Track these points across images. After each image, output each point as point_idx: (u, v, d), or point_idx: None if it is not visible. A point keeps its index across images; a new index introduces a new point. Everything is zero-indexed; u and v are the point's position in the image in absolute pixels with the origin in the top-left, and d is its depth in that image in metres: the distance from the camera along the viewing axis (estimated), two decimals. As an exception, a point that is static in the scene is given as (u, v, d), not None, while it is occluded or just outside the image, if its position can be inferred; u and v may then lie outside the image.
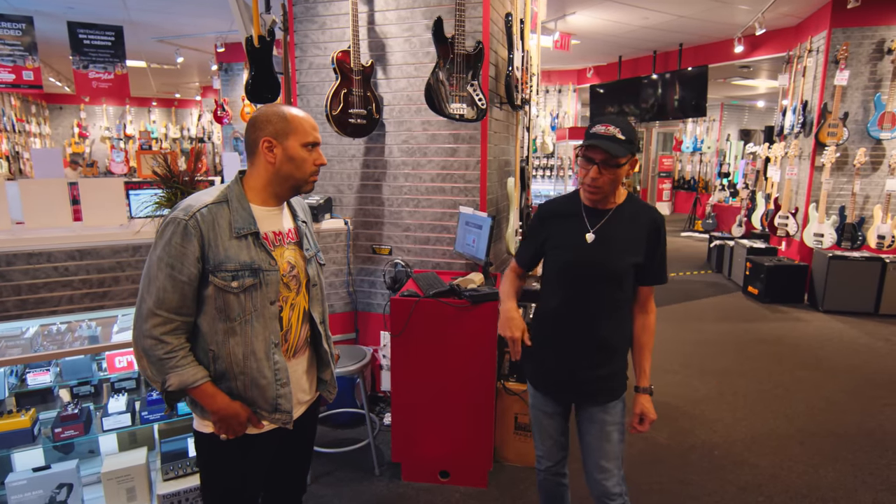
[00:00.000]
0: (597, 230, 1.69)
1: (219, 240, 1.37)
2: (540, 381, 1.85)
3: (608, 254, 1.67)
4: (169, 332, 1.35)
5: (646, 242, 1.69)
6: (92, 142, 12.48)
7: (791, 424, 3.31)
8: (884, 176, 5.71)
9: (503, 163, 3.46)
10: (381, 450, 2.92)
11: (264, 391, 1.45)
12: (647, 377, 1.77)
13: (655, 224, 1.70)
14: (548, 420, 1.86)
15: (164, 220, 1.39)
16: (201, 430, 1.50)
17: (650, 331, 1.80)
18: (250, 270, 1.40)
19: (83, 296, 2.32)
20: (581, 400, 1.80)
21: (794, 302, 6.11)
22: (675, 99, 8.00)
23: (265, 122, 1.42)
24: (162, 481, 2.11)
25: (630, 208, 1.72)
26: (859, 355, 4.49)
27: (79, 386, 2.20)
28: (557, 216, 1.79)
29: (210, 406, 1.40)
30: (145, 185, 3.06)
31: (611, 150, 1.56)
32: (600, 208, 1.72)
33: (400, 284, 2.94)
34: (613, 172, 1.61)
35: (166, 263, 1.33)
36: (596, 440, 1.76)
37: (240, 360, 1.42)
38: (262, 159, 1.43)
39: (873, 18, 5.52)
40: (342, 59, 2.82)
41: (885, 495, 2.62)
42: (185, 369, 1.36)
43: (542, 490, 2.01)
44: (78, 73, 5.67)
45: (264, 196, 1.47)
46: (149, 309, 1.33)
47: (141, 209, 2.54)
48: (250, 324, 1.42)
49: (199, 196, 1.42)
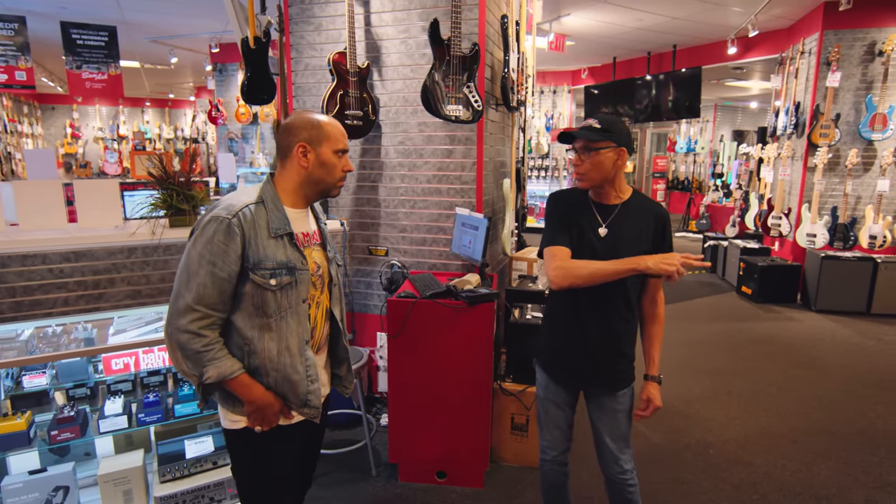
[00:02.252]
0: (608, 224, 1.77)
1: (259, 239, 1.42)
2: (552, 368, 1.93)
3: (620, 247, 1.73)
4: (206, 326, 1.39)
5: (652, 236, 1.76)
6: (85, 142, 12.40)
7: (784, 423, 3.34)
8: (875, 177, 5.77)
9: (499, 164, 3.47)
10: (378, 451, 2.92)
11: (296, 386, 1.50)
12: (655, 366, 1.85)
13: (661, 218, 1.78)
14: (556, 410, 1.93)
15: (204, 217, 1.42)
16: (233, 427, 1.52)
17: (659, 321, 1.87)
18: (287, 269, 1.45)
19: (78, 297, 2.31)
20: (592, 387, 1.88)
21: (787, 302, 6.15)
22: (669, 100, 8.04)
23: (300, 128, 1.48)
24: (159, 483, 2.10)
25: (636, 204, 1.80)
26: (851, 354, 4.53)
27: (75, 388, 2.19)
28: (570, 206, 1.84)
29: (248, 396, 1.45)
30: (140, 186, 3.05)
31: (584, 136, 1.69)
32: (607, 203, 1.79)
33: (396, 285, 2.95)
34: (591, 157, 1.70)
35: (208, 261, 1.37)
36: (606, 425, 1.86)
37: (274, 356, 1.46)
38: (296, 163, 1.49)
39: (864, 21, 5.58)
40: (338, 61, 2.82)
41: (878, 493, 2.65)
42: (222, 361, 1.40)
43: (544, 480, 2.06)
44: (71, 74, 5.63)
45: (295, 198, 1.53)
46: (187, 304, 1.36)
47: (136, 210, 2.53)
48: (285, 320, 1.47)
49: (238, 196, 1.46)
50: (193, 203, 2.47)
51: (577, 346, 1.84)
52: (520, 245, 3.97)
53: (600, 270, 1.68)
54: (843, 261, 5.61)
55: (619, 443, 1.86)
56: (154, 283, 2.45)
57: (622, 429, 1.86)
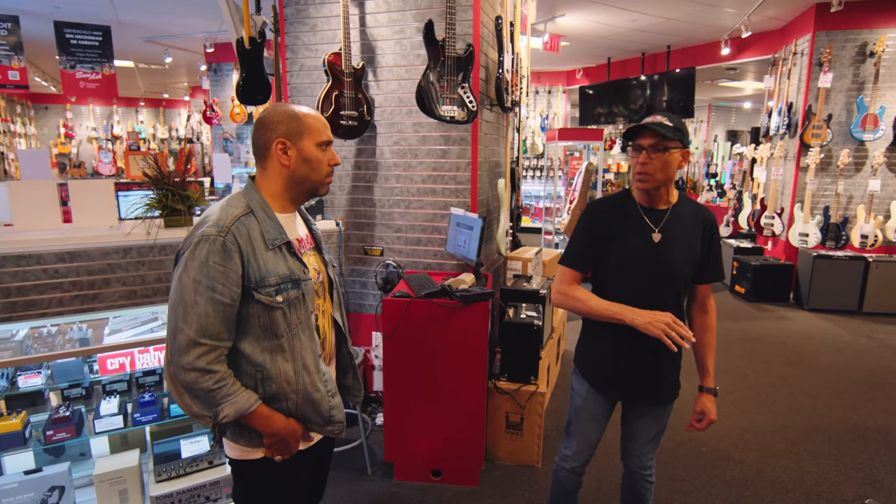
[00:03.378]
0: (661, 229, 1.69)
1: (257, 254, 1.28)
2: (595, 378, 1.85)
3: (673, 252, 1.68)
4: (214, 360, 1.24)
5: (701, 240, 1.72)
6: (79, 142, 12.34)
7: (776, 420, 3.37)
8: (867, 177, 5.82)
9: (493, 164, 3.49)
10: (374, 450, 2.94)
11: (318, 405, 1.38)
12: (710, 377, 1.80)
13: (710, 222, 1.73)
14: (592, 423, 1.88)
15: (191, 237, 1.27)
16: (247, 458, 1.37)
17: (712, 330, 1.81)
18: (291, 282, 1.32)
19: (73, 298, 2.31)
20: (636, 399, 1.84)
21: (780, 300, 6.20)
22: (664, 100, 8.08)
23: (276, 122, 1.32)
24: (154, 483, 2.11)
25: (685, 207, 1.74)
26: (843, 352, 4.57)
27: (70, 388, 2.20)
28: (612, 217, 1.75)
29: (268, 429, 1.31)
30: (134, 186, 3.05)
31: (659, 130, 1.57)
32: (657, 208, 1.72)
33: (391, 285, 2.96)
34: (662, 157, 1.59)
35: (206, 286, 1.22)
36: (642, 429, 1.85)
37: (291, 378, 1.33)
38: (276, 163, 1.34)
39: (856, 22, 5.63)
40: (333, 61, 2.83)
41: (868, 489, 2.68)
42: (237, 396, 1.26)
43: (558, 486, 2.01)
44: (65, 73, 5.62)
45: (283, 202, 1.39)
46: (189, 339, 1.21)
47: (131, 211, 2.53)
48: (297, 337, 1.34)
49: (224, 208, 1.30)
50: (188, 203, 2.47)
51: (626, 357, 1.75)
52: (514, 245, 3.99)
53: (593, 310, 1.70)
54: (835, 260, 5.66)
55: (650, 444, 1.87)
56: (149, 283, 2.45)
57: (656, 432, 1.86)
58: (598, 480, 2.72)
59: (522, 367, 2.81)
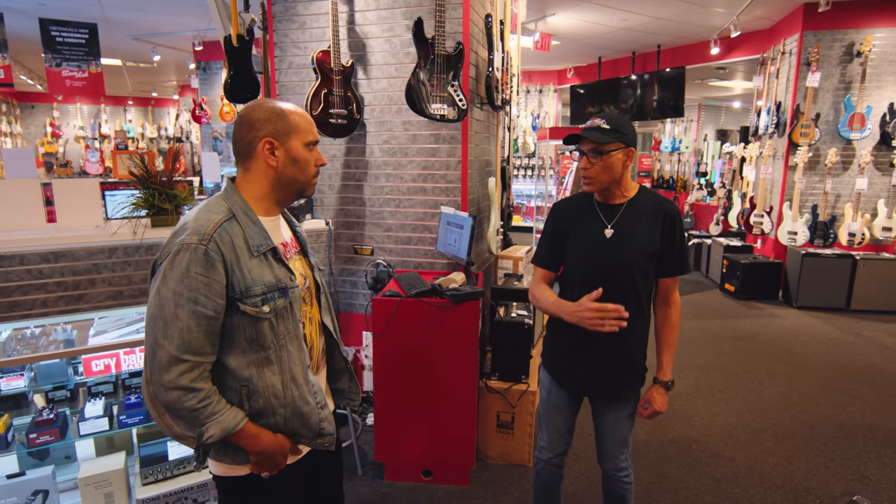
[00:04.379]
0: (613, 224, 1.73)
1: (241, 262, 1.21)
2: (557, 372, 1.90)
3: (626, 247, 1.71)
4: (198, 377, 1.17)
5: (660, 233, 1.72)
6: (65, 141, 12.19)
7: (765, 418, 3.39)
8: (854, 175, 5.88)
9: (484, 163, 3.48)
10: (364, 450, 2.92)
11: (307, 419, 1.32)
12: (664, 370, 1.82)
13: (669, 214, 1.73)
14: (557, 414, 1.92)
15: (170, 246, 1.19)
16: (231, 475, 1.31)
17: (672, 324, 1.82)
18: (279, 290, 1.26)
19: (58, 299, 2.27)
20: (598, 394, 1.87)
21: (769, 298, 6.25)
22: (654, 99, 8.12)
23: (262, 120, 1.25)
24: (141, 486, 2.08)
25: (642, 201, 1.75)
26: (831, 350, 4.61)
27: (54, 390, 2.16)
28: (572, 214, 1.82)
29: (255, 447, 1.26)
30: (121, 185, 3.01)
31: (593, 138, 1.64)
32: (612, 203, 1.76)
33: (382, 284, 2.94)
34: (603, 160, 1.65)
35: (187, 299, 1.15)
36: (609, 429, 1.87)
37: (279, 392, 1.27)
38: (262, 163, 1.27)
39: (843, 22, 5.68)
40: (322, 59, 2.81)
41: (856, 485, 2.70)
42: (223, 414, 1.20)
43: (538, 479, 2.05)
44: (51, 72, 5.54)
45: (267, 204, 1.32)
46: (171, 356, 1.14)
47: (117, 210, 2.50)
48: (285, 349, 1.28)
49: (204, 214, 1.23)
50: (176, 202, 2.44)
51: (584, 352, 1.79)
52: (505, 244, 3.98)
53: (546, 309, 1.78)
54: (823, 258, 5.72)
55: (620, 444, 1.88)
56: (136, 284, 2.42)
57: (624, 432, 1.87)
58: (587, 478, 2.72)
59: (513, 365, 2.80)
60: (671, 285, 1.80)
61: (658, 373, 1.83)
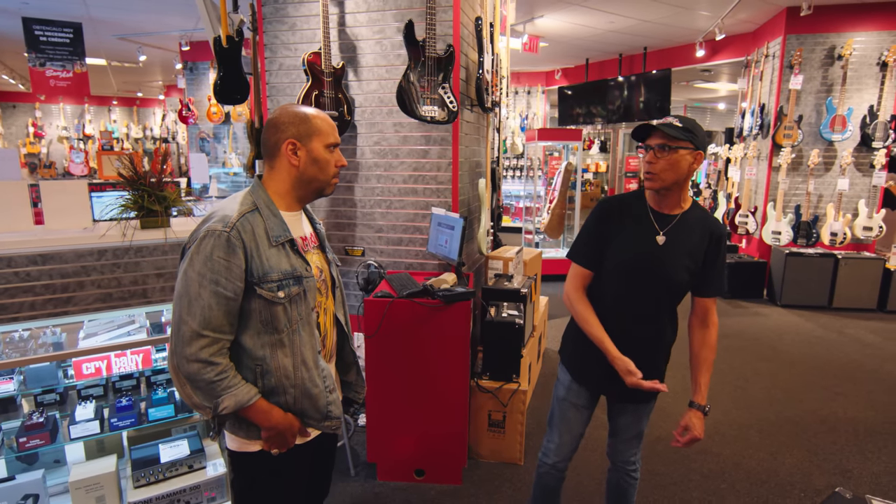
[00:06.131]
0: (666, 233, 1.69)
1: (260, 250, 1.33)
2: (580, 372, 1.87)
3: (674, 258, 1.67)
4: (216, 352, 1.29)
5: (705, 251, 1.69)
6: (49, 142, 12.01)
7: (751, 414, 3.46)
8: (836, 176, 5.99)
9: (474, 164, 3.51)
10: (357, 450, 2.93)
11: (316, 400, 1.42)
12: (702, 394, 1.75)
13: (717, 234, 1.70)
14: (575, 413, 1.90)
15: (197, 232, 1.32)
16: (245, 450, 1.42)
17: (711, 346, 1.76)
18: (294, 279, 1.36)
19: (46, 301, 2.25)
20: (619, 396, 1.85)
21: (754, 297, 6.35)
22: (641, 101, 8.20)
23: (287, 123, 1.38)
24: (133, 489, 2.07)
25: (694, 216, 1.71)
26: (814, 347, 4.70)
27: (43, 394, 2.14)
28: (624, 214, 1.75)
29: (266, 422, 1.36)
30: (108, 186, 2.99)
31: (666, 130, 1.57)
32: (667, 213, 1.71)
33: (373, 285, 2.95)
34: (669, 157, 1.59)
35: (210, 280, 1.27)
36: (626, 424, 1.89)
37: (290, 373, 1.38)
38: (285, 162, 1.39)
39: (825, 26, 5.79)
40: (313, 61, 2.81)
41: (838, 479, 2.77)
42: (238, 388, 1.31)
43: (539, 483, 2.03)
44: (34, 71, 5.47)
45: (289, 201, 1.44)
46: (193, 331, 1.26)
47: (105, 212, 2.48)
48: (297, 333, 1.38)
49: (230, 205, 1.36)
50: (165, 204, 2.43)
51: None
52: (495, 244, 4.01)
53: (586, 331, 1.76)
54: (806, 257, 5.82)
55: (636, 439, 1.91)
56: (125, 286, 2.40)
57: (640, 428, 1.90)
58: (578, 475, 2.75)
59: (504, 365, 2.83)
60: (710, 305, 1.75)
61: (695, 395, 1.75)
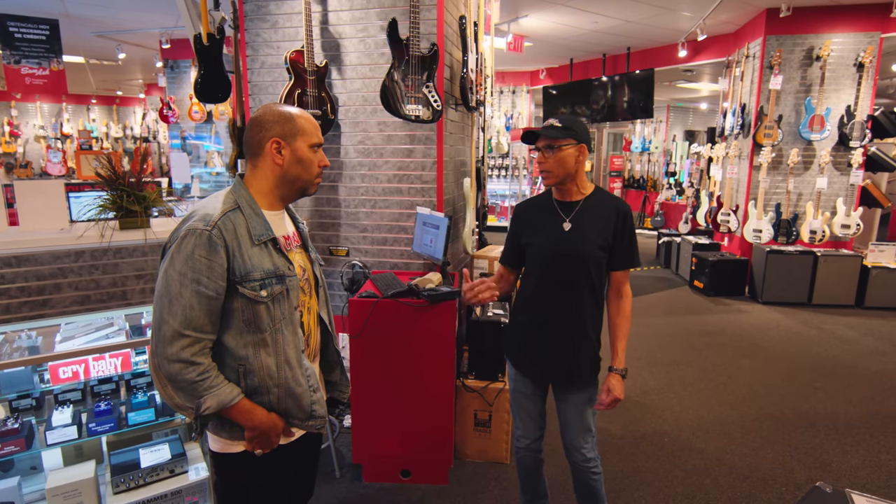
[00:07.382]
0: (571, 219, 1.86)
1: (242, 248, 1.32)
2: (519, 361, 2.01)
3: (581, 240, 1.83)
4: (198, 352, 1.28)
5: (613, 228, 1.85)
6: (25, 141, 11.74)
7: (734, 410, 3.50)
8: (815, 175, 6.10)
9: (459, 163, 3.50)
10: (342, 452, 2.91)
11: (299, 400, 1.42)
12: (619, 358, 1.90)
13: (620, 211, 1.86)
14: (526, 401, 2.02)
15: (178, 231, 1.30)
16: (229, 451, 1.42)
17: (624, 314, 1.92)
18: (276, 277, 1.36)
19: (21, 304, 2.20)
20: (557, 382, 1.95)
21: (736, 294, 6.44)
22: (624, 101, 8.27)
23: (272, 122, 1.37)
24: (112, 495, 2.03)
25: (597, 199, 1.89)
26: (794, 343, 4.78)
27: (19, 399, 2.09)
28: (532, 211, 1.97)
29: (249, 422, 1.35)
30: (86, 186, 2.93)
31: (546, 134, 1.79)
32: (569, 200, 1.89)
33: (358, 285, 2.93)
34: (556, 155, 1.79)
35: (191, 279, 1.26)
36: (572, 417, 1.94)
37: (273, 372, 1.37)
38: (269, 161, 1.39)
39: (803, 27, 5.89)
40: (296, 59, 2.78)
41: (818, 472, 2.81)
42: (220, 388, 1.30)
43: (520, 466, 2.14)
44: (9, 69, 5.34)
45: (271, 200, 1.43)
46: (174, 330, 1.25)
47: (83, 212, 2.43)
48: (280, 332, 1.38)
49: (211, 203, 1.35)
50: (145, 204, 2.39)
51: (541, 340, 1.92)
52: (481, 243, 4.01)
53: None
54: (787, 255, 5.92)
55: (583, 433, 1.94)
56: (104, 288, 2.35)
57: (585, 420, 1.94)
58: (565, 473, 2.76)
59: (490, 364, 2.83)
60: (622, 278, 1.91)
61: (613, 361, 1.90)
